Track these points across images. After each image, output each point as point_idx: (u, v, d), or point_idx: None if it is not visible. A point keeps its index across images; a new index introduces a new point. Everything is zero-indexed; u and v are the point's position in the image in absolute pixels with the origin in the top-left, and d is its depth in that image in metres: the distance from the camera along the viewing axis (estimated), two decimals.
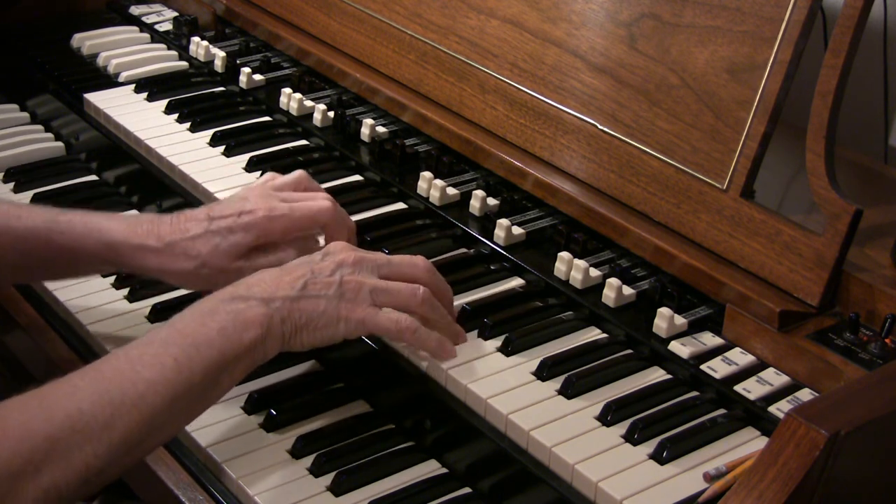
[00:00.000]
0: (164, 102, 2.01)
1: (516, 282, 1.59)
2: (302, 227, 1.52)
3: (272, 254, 1.50)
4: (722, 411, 1.36)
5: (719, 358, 1.41)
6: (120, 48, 2.20)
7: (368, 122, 1.88)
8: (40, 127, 2.15)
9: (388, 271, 1.42)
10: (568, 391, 1.37)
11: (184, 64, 2.17)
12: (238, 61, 2.10)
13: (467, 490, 1.39)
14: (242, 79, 2.05)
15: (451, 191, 1.73)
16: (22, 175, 1.99)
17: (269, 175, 1.59)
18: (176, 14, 2.33)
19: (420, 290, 1.42)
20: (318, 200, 1.52)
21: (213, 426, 1.45)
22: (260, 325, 1.31)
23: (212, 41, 2.18)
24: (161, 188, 1.87)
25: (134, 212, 1.91)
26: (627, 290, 1.51)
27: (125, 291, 1.70)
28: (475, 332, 1.47)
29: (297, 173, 1.58)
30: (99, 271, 1.57)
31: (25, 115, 2.19)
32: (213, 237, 1.48)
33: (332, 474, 1.37)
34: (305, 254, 1.46)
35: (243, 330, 1.30)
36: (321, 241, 1.56)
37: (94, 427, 1.18)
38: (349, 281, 1.38)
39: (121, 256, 1.50)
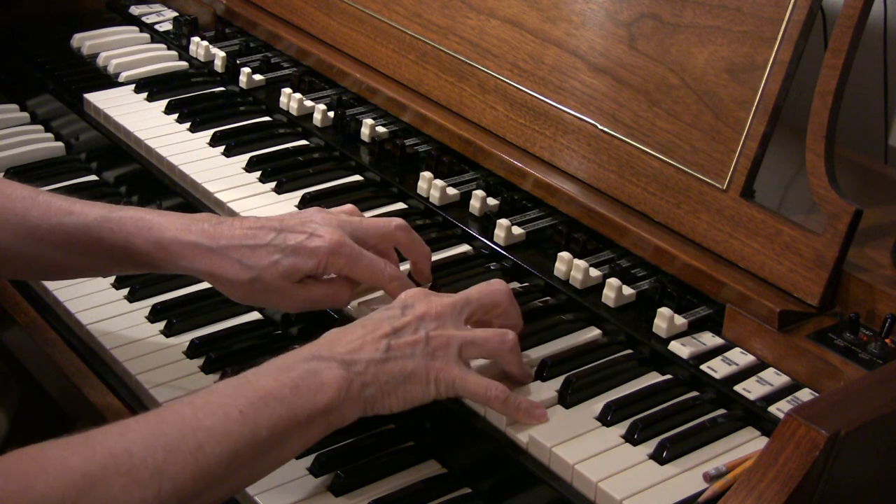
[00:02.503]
0: (164, 102, 2.01)
1: (516, 282, 1.59)
2: (362, 278, 1.46)
3: (327, 287, 1.45)
4: (722, 411, 1.36)
5: (719, 358, 1.41)
6: (120, 48, 2.20)
7: (368, 122, 1.88)
8: (40, 127, 2.15)
9: (471, 311, 1.36)
10: (568, 391, 1.37)
11: (184, 64, 2.17)
12: (238, 61, 2.10)
13: (467, 490, 1.39)
14: (242, 79, 2.05)
15: (451, 191, 1.73)
16: (22, 175, 1.99)
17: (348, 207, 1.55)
18: (176, 14, 2.33)
19: (509, 337, 1.35)
20: (384, 262, 1.46)
21: None
22: (337, 388, 1.24)
23: (212, 41, 2.18)
24: (161, 188, 1.87)
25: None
26: (627, 290, 1.51)
27: (125, 291, 1.70)
28: None
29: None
30: (149, 270, 1.49)
31: (25, 115, 2.19)
32: (274, 252, 1.41)
33: (332, 474, 1.37)
34: (359, 294, 1.42)
35: (318, 391, 1.23)
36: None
37: (143, 471, 1.11)
38: (435, 336, 1.31)
39: (171, 255, 1.43)
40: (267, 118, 2.00)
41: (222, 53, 2.12)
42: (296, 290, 1.43)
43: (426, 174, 1.74)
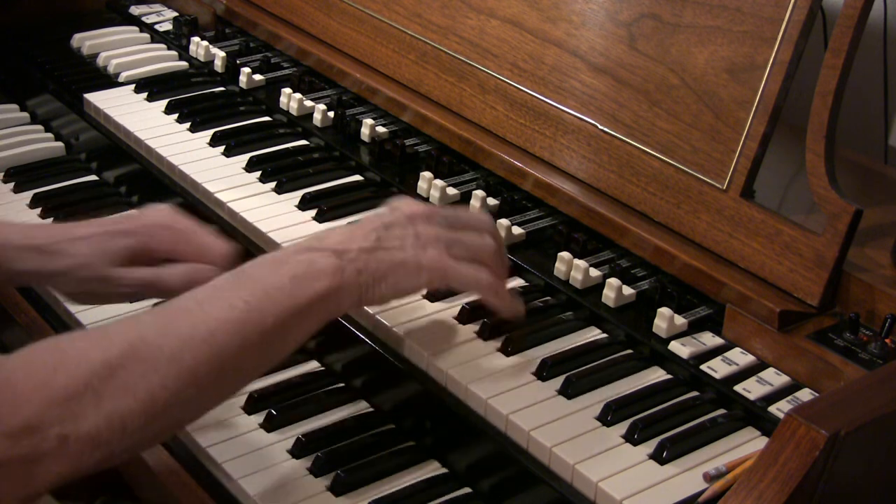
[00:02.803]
0: (164, 102, 2.01)
1: (516, 282, 1.59)
2: (189, 243, 1.46)
3: (155, 267, 1.46)
4: (722, 411, 1.36)
5: (719, 358, 1.41)
6: (120, 48, 2.20)
7: (368, 122, 1.88)
8: (40, 127, 2.15)
9: (458, 223, 1.40)
10: (568, 391, 1.37)
11: (184, 64, 2.17)
12: (238, 61, 2.10)
13: (467, 490, 1.39)
14: (242, 79, 2.05)
15: (451, 191, 1.73)
16: (22, 175, 2.00)
17: None
18: (176, 14, 2.33)
19: (493, 242, 1.40)
20: (214, 240, 1.47)
21: (212, 426, 1.45)
22: (333, 275, 1.27)
23: (212, 41, 2.18)
24: (161, 188, 1.87)
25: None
26: (627, 290, 1.51)
27: None
28: (475, 332, 1.47)
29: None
30: None
31: (25, 115, 2.19)
32: (99, 239, 1.44)
33: (332, 474, 1.37)
34: (193, 277, 1.42)
35: (315, 279, 1.26)
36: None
37: (160, 358, 1.14)
38: (424, 232, 1.35)
39: (3, 260, 1.44)
40: (267, 118, 2.00)
41: (222, 53, 2.12)
42: (122, 273, 1.44)
43: (426, 174, 1.74)
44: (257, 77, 2.06)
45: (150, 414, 1.14)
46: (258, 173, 1.81)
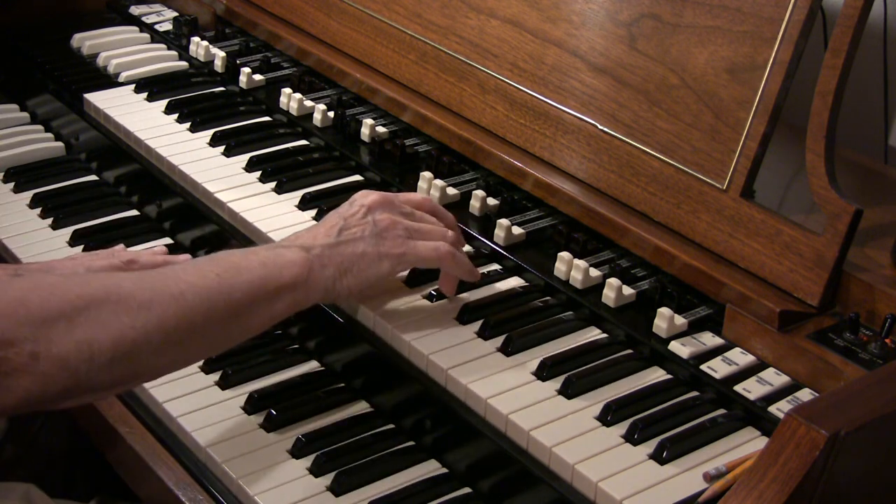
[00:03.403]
0: (164, 102, 2.01)
1: (516, 281, 1.59)
2: None
3: None
4: (722, 411, 1.36)
5: (719, 358, 1.41)
6: (120, 48, 2.20)
7: (368, 122, 1.88)
8: (40, 127, 2.15)
9: (418, 209, 1.51)
10: (568, 391, 1.37)
11: (184, 64, 2.17)
12: (238, 61, 2.10)
13: (467, 490, 1.39)
14: (242, 79, 2.05)
15: (451, 191, 1.73)
16: (22, 175, 2.00)
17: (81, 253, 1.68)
18: (176, 14, 2.33)
19: (449, 232, 1.50)
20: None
21: (213, 426, 1.45)
22: (301, 267, 1.36)
23: (212, 41, 2.18)
24: (161, 188, 1.88)
25: None
26: (627, 290, 1.51)
27: None
28: (475, 332, 1.47)
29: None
30: None
31: (25, 115, 2.19)
32: None
33: (332, 474, 1.37)
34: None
35: (283, 267, 1.35)
36: None
37: (132, 303, 1.21)
38: (383, 219, 1.45)
39: None
40: (267, 118, 2.00)
41: (222, 53, 2.12)
42: None
43: (426, 174, 1.74)
44: (257, 77, 2.06)
45: (118, 351, 1.19)
46: (258, 173, 1.81)
